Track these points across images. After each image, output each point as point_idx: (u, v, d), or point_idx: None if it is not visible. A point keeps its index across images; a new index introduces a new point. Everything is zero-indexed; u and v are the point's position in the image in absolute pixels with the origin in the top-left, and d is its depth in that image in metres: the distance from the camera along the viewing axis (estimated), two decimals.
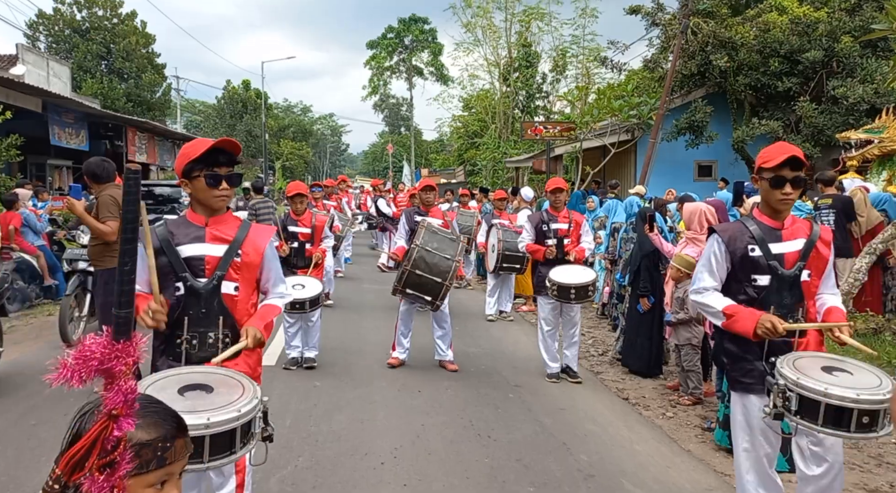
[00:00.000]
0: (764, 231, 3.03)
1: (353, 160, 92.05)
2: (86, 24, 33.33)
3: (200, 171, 2.66)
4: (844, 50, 13.89)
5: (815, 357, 2.85)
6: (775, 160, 2.97)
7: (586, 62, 24.60)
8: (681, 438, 4.88)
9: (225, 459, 2.13)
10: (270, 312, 2.82)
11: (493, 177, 26.69)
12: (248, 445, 2.21)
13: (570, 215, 6.42)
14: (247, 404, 2.18)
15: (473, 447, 4.52)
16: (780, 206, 3.02)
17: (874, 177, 9.98)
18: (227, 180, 2.70)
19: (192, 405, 2.12)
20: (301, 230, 6.56)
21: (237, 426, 2.12)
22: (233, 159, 2.73)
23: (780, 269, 2.98)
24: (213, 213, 2.75)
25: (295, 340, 6.42)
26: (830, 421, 2.54)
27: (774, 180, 2.96)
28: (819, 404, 2.55)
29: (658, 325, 6.33)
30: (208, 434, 2.05)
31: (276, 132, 52.42)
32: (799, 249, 3.00)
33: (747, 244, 3.01)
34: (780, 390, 2.66)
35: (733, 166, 16.15)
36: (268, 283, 2.90)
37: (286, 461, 4.18)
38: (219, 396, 2.22)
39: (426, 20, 49.78)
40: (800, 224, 3.09)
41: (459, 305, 9.87)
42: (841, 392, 2.52)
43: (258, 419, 2.25)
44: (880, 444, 4.67)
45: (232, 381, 2.34)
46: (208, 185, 2.67)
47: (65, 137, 17.62)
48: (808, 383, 2.59)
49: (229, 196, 2.74)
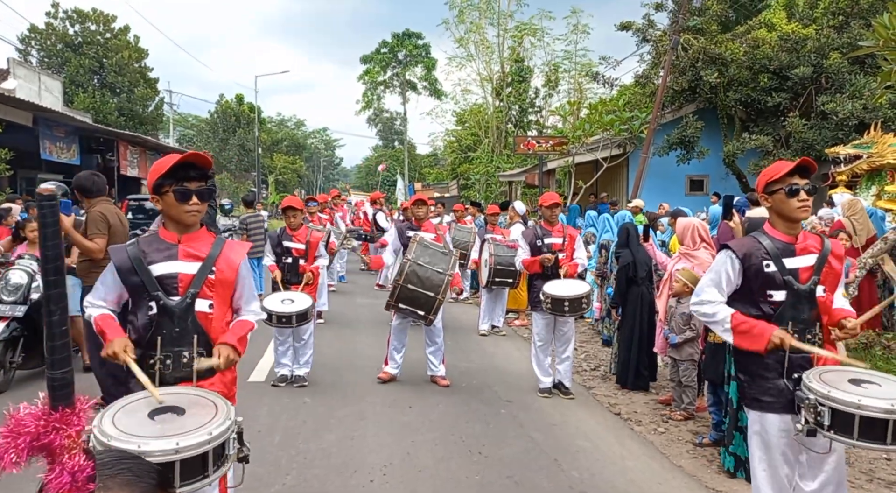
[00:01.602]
0: (778, 246, 3.00)
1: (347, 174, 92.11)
2: (78, 39, 33.36)
3: (170, 186, 2.62)
4: (833, 66, 14.05)
5: (841, 371, 2.81)
6: (784, 170, 2.96)
7: (578, 77, 24.78)
8: (672, 453, 4.85)
9: (197, 483, 2.08)
10: (243, 327, 2.78)
11: (486, 191, 26.75)
12: (223, 467, 2.16)
13: (565, 230, 6.41)
14: (219, 426, 2.13)
15: (464, 464, 4.47)
16: (798, 215, 2.98)
17: (863, 191, 10.04)
18: (198, 195, 2.64)
19: (161, 430, 2.08)
20: (295, 246, 6.54)
21: (209, 449, 2.07)
22: (204, 174, 2.68)
23: (796, 284, 2.94)
24: (186, 229, 2.71)
25: (285, 357, 6.37)
26: (866, 434, 2.49)
27: (789, 190, 2.94)
28: (853, 417, 2.49)
29: (649, 339, 6.33)
30: (178, 459, 2.00)
31: (270, 146, 52.43)
32: (812, 263, 2.98)
33: (762, 260, 2.98)
34: (812, 406, 2.60)
35: (724, 181, 16.24)
36: (240, 300, 2.84)
37: (274, 479, 4.13)
38: (190, 418, 2.17)
39: (420, 35, 50.11)
40: (812, 239, 3.07)
41: (452, 320, 9.83)
42: (875, 403, 2.47)
43: (232, 441, 2.21)
44: (871, 459, 4.66)
45: (204, 401, 2.29)
46: (177, 200, 2.62)
47: (56, 151, 17.56)
48: (840, 395, 2.54)
49: (200, 211, 2.69)
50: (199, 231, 2.75)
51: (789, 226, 3.04)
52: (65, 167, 19.16)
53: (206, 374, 2.65)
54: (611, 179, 18.65)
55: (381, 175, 55.10)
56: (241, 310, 2.85)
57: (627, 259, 6.39)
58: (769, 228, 3.09)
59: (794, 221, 3.02)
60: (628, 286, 6.38)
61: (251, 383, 6.28)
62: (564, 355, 6.23)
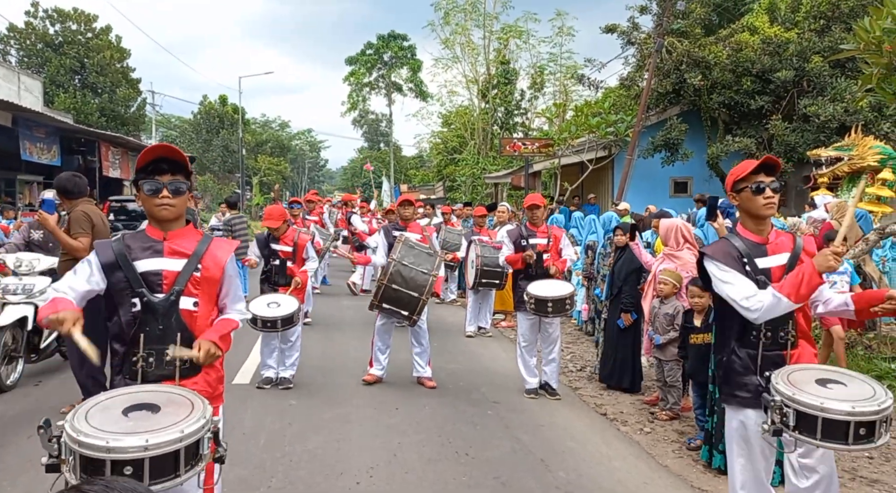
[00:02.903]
0: (749, 247, 3.02)
1: (332, 176, 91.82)
2: (59, 39, 32.98)
3: (143, 180, 2.57)
4: (815, 69, 14.22)
5: (809, 370, 2.84)
6: (749, 168, 3.00)
7: (564, 80, 24.93)
8: (658, 453, 4.86)
9: (168, 482, 2.04)
10: (227, 325, 2.72)
11: (472, 193, 26.76)
12: (196, 467, 2.12)
13: (549, 230, 6.42)
14: (192, 425, 2.09)
15: (451, 466, 4.46)
16: (764, 212, 3.01)
17: (844, 193, 10.16)
18: (170, 189, 2.56)
19: (133, 426, 2.06)
20: (282, 248, 6.50)
21: (180, 447, 2.04)
22: (179, 167, 2.60)
23: (769, 283, 2.96)
24: (170, 226, 2.65)
25: (270, 359, 6.32)
26: (828, 435, 2.54)
27: (755, 188, 2.98)
28: (816, 418, 2.54)
29: (637, 340, 6.35)
30: (147, 457, 1.97)
31: (254, 147, 52.15)
32: (784, 263, 3.00)
33: (734, 261, 3.00)
34: (778, 407, 2.65)
35: (708, 183, 16.37)
36: (226, 298, 2.79)
37: (259, 482, 4.09)
38: (164, 416, 2.14)
39: (405, 37, 50.07)
40: (783, 238, 3.10)
41: (438, 321, 9.82)
42: (837, 406, 2.52)
43: (206, 440, 2.17)
44: (854, 458, 4.70)
45: (181, 399, 2.26)
46: (147, 194, 2.57)
47: (36, 152, 17.35)
48: (803, 398, 2.58)
49: (174, 206, 2.59)
50: (186, 228, 2.70)
51: (758, 224, 3.07)
52: (45, 168, 18.93)
53: (189, 372, 2.61)
54: (596, 181, 18.73)
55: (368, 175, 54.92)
56: (227, 308, 2.81)
57: (638, 263, 6.31)
58: (741, 229, 3.13)
59: (761, 219, 3.06)
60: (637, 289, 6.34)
61: (236, 385, 6.22)
62: (550, 357, 6.24)
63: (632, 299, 6.27)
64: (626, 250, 6.40)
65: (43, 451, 2.05)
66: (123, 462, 1.97)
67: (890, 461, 4.74)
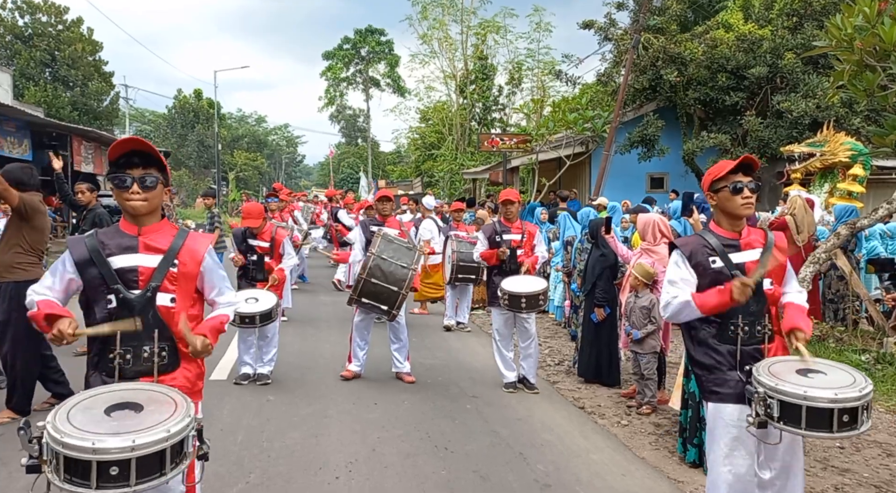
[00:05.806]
0: (722, 242, 3.07)
1: (310, 171, 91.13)
2: (28, 31, 32.34)
3: (114, 174, 2.52)
4: (788, 66, 14.44)
5: (789, 361, 2.89)
6: (727, 168, 3.04)
7: (541, 75, 24.99)
8: (635, 445, 4.91)
9: (154, 481, 2.04)
10: (218, 320, 2.71)
11: (450, 188, 26.78)
12: (181, 465, 2.12)
13: (524, 226, 6.44)
14: (177, 424, 2.09)
15: (430, 460, 4.46)
16: (742, 211, 3.05)
17: (817, 189, 10.35)
18: (140, 183, 2.51)
19: (117, 427, 2.04)
20: (259, 244, 6.42)
21: (166, 447, 2.04)
22: (151, 160, 2.54)
23: (744, 277, 3.01)
24: (145, 221, 2.60)
25: (247, 355, 6.27)
26: (813, 424, 2.57)
27: (733, 188, 3.01)
28: (800, 407, 2.57)
29: (614, 334, 6.39)
30: (134, 457, 1.96)
31: (230, 143, 51.65)
32: (757, 258, 3.05)
33: (708, 256, 3.05)
34: (761, 398, 2.68)
35: (684, 178, 16.56)
36: (212, 292, 2.75)
37: (236, 478, 4.05)
38: (148, 415, 2.12)
39: (383, 32, 49.91)
40: (755, 234, 3.15)
41: (416, 316, 9.81)
42: (820, 394, 2.56)
43: (191, 438, 2.16)
44: (825, 448, 4.79)
45: (163, 397, 2.24)
46: (116, 187, 2.52)
47: (6, 146, 16.98)
48: (787, 387, 2.61)
49: (145, 200, 2.52)
50: (161, 222, 2.64)
51: (733, 222, 3.12)
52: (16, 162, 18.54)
53: (167, 368, 2.58)
54: (574, 176, 18.84)
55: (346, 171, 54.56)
56: (217, 303, 2.77)
57: (612, 259, 6.36)
58: (714, 226, 3.17)
59: (737, 218, 3.11)
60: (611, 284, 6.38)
61: (213, 381, 6.15)
62: (528, 352, 6.26)
63: (605, 294, 6.31)
64: (599, 246, 6.44)
65: (13, 450, 2.02)
66: (110, 463, 1.95)
67: (860, 450, 4.84)
